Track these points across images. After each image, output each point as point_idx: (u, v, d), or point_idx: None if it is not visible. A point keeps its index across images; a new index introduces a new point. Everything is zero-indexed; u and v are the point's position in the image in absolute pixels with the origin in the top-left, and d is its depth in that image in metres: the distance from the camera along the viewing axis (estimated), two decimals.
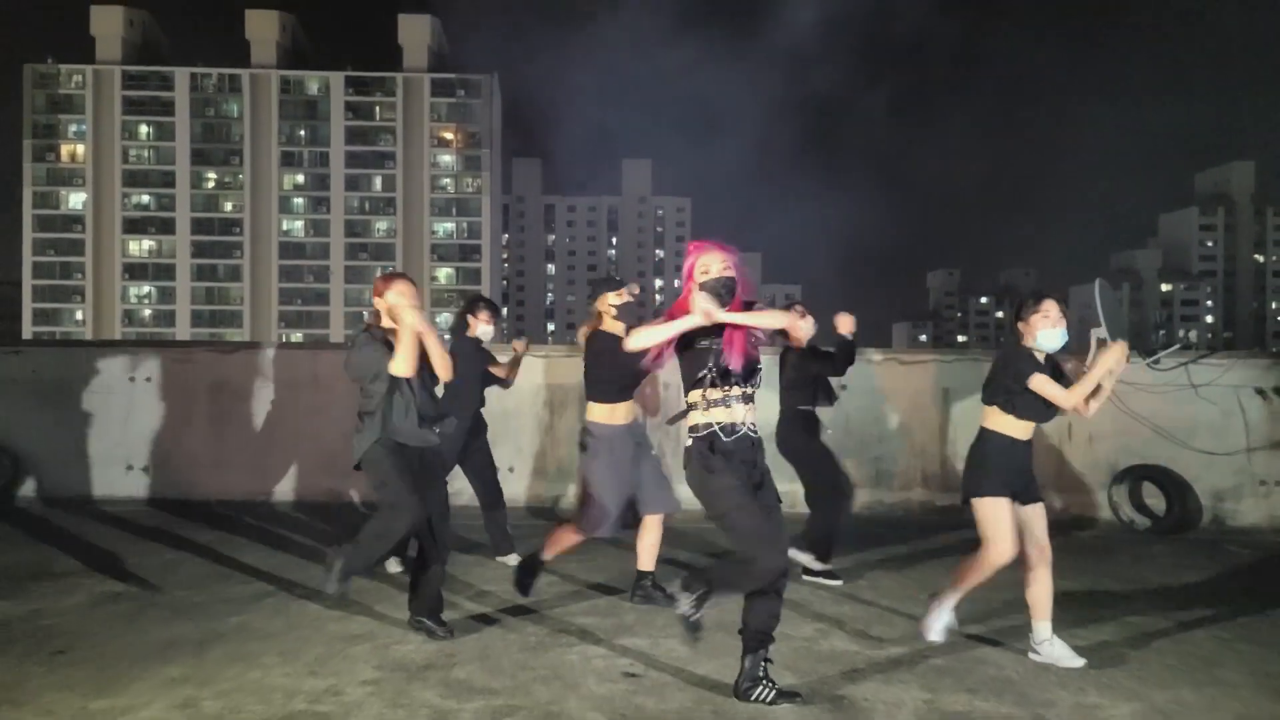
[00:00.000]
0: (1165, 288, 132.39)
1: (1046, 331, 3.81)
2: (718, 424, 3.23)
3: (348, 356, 3.98)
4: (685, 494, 3.70)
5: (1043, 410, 3.83)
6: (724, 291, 3.19)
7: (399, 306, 3.86)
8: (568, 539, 4.47)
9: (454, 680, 3.54)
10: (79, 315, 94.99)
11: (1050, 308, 3.84)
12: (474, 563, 5.43)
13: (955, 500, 7.28)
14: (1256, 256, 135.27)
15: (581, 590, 4.84)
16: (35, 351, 7.83)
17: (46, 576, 4.98)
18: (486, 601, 4.58)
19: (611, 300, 4.45)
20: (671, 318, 3.23)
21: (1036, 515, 3.85)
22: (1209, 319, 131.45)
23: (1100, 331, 7.00)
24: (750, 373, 3.26)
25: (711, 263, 3.24)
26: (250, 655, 3.76)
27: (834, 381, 5.27)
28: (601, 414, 4.37)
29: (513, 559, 5.33)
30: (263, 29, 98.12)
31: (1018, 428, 3.84)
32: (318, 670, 3.62)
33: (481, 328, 5.35)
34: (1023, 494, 3.85)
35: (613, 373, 4.30)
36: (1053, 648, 3.80)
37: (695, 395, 3.28)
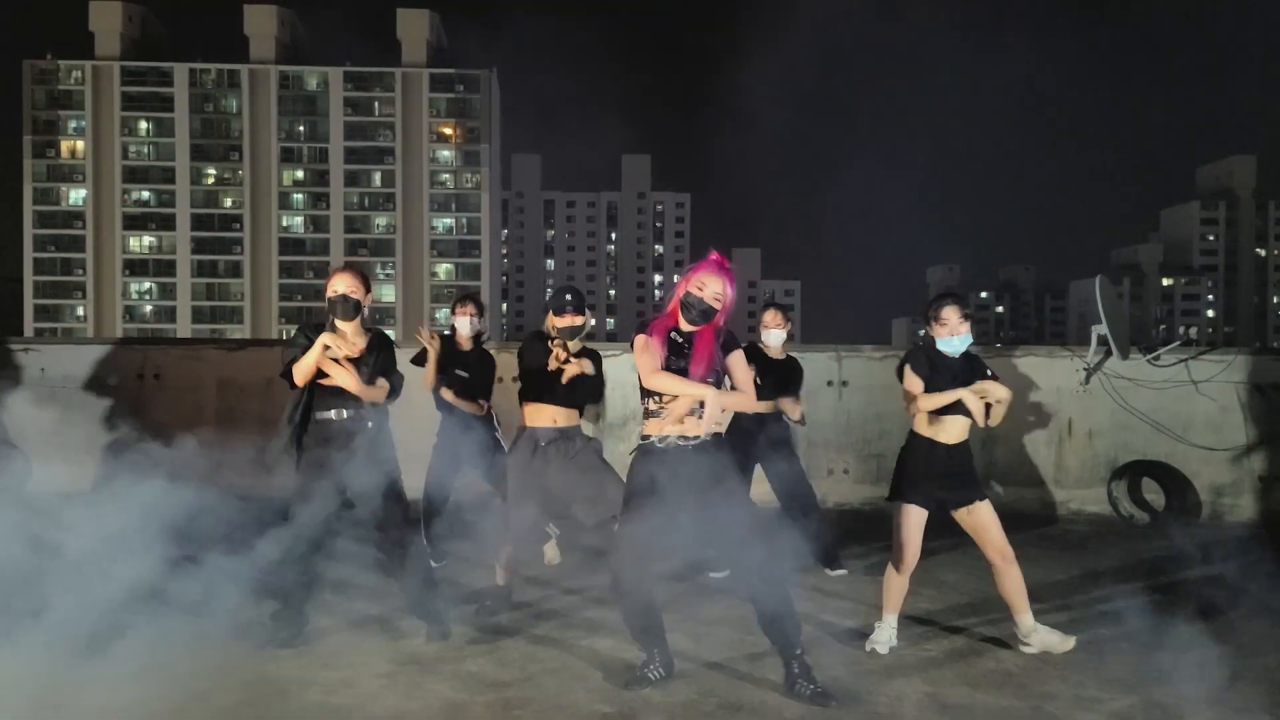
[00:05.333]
0: (1166, 282, 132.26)
1: (944, 340, 3.85)
2: (654, 435, 3.38)
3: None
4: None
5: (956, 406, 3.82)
6: (698, 316, 3.40)
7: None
8: (510, 554, 4.37)
9: (465, 673, 3.61)
10: (80, 311, 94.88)
11: (949, 314, 3.84)
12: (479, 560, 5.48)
13: None
14: (1258, 251, 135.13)
15: (586, 589, 4.90)
16: None
17: None
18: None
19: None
20: (662, 324, 3.44)
21: (982, 518, 3.85)
22: (1210, 314, 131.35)
23: (1100, 328, 7.12)
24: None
25: (708, 283, 3.40)
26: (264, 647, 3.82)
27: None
28: (527, 415, 4.29)
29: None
30: (261, 24, 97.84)
31: (937, 428, 3.86)
32: (331, 663, 3.69)
33: (457, 321, 5.30)
34: (954, 500, 3.84)
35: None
36: (1040, 636, 3.87)
37: (647, 404, 3.41)
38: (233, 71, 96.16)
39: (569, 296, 4.30)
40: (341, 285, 3.91)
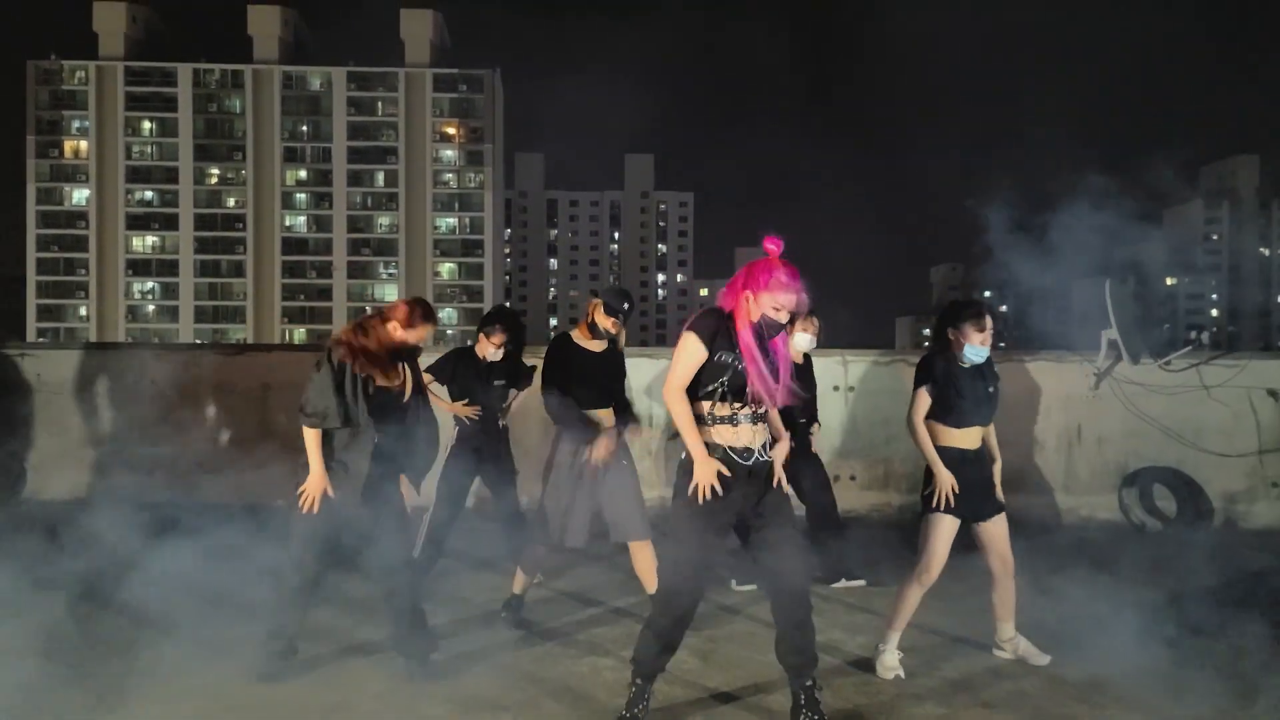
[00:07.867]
0: (1169, 282, 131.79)
1: (975, 347, 3.73)
2: (726, 445, 3.10)
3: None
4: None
5: (975, 410, 3.74)
6: (772, 333, 3.11)
7: None
8: (533, 557, 4.32)
9: (463, 695, 3.50)
10: (83, 311, 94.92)
11: (990, 322, 3.74)
12: (482, 569, 5.38)
13: None
14: (1261, 251, 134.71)
15: (587, 605, 4.79)
16: None
17: None
18: (494, 617, 4.52)
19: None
20: (726, 306, 3.12)
21: (997, 530, 3.80)
22: (1214, 313, 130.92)
23: (1111, 333, 6.99)
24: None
25: (786, 302, 3.06)
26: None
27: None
28: None
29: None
30: (265, 24, 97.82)
31: (961, 434, 3.76)
32: (327, 684, 3.58)
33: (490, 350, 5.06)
34: (983, 510, 3.76)
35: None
36: (1019, 644, 3.88)
37: (703, 407, 3.12)
38: (236, 72, 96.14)
39: (626, 305, 4.30)
40: None
